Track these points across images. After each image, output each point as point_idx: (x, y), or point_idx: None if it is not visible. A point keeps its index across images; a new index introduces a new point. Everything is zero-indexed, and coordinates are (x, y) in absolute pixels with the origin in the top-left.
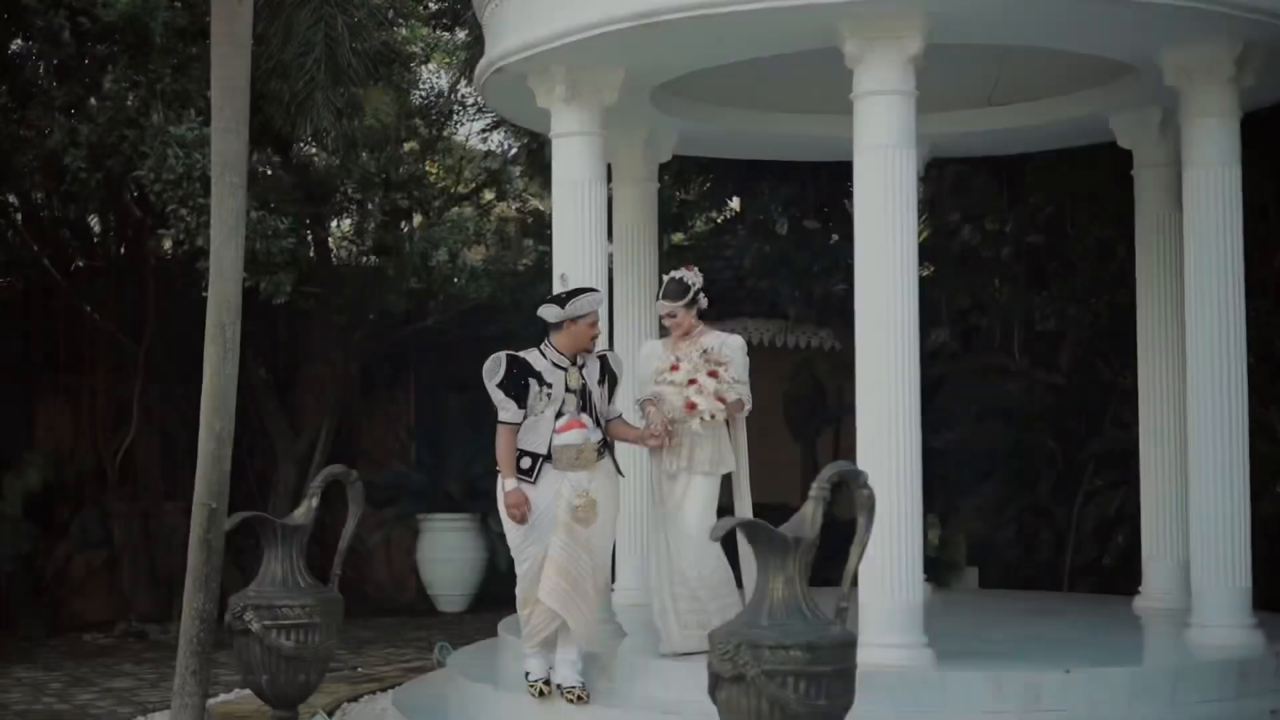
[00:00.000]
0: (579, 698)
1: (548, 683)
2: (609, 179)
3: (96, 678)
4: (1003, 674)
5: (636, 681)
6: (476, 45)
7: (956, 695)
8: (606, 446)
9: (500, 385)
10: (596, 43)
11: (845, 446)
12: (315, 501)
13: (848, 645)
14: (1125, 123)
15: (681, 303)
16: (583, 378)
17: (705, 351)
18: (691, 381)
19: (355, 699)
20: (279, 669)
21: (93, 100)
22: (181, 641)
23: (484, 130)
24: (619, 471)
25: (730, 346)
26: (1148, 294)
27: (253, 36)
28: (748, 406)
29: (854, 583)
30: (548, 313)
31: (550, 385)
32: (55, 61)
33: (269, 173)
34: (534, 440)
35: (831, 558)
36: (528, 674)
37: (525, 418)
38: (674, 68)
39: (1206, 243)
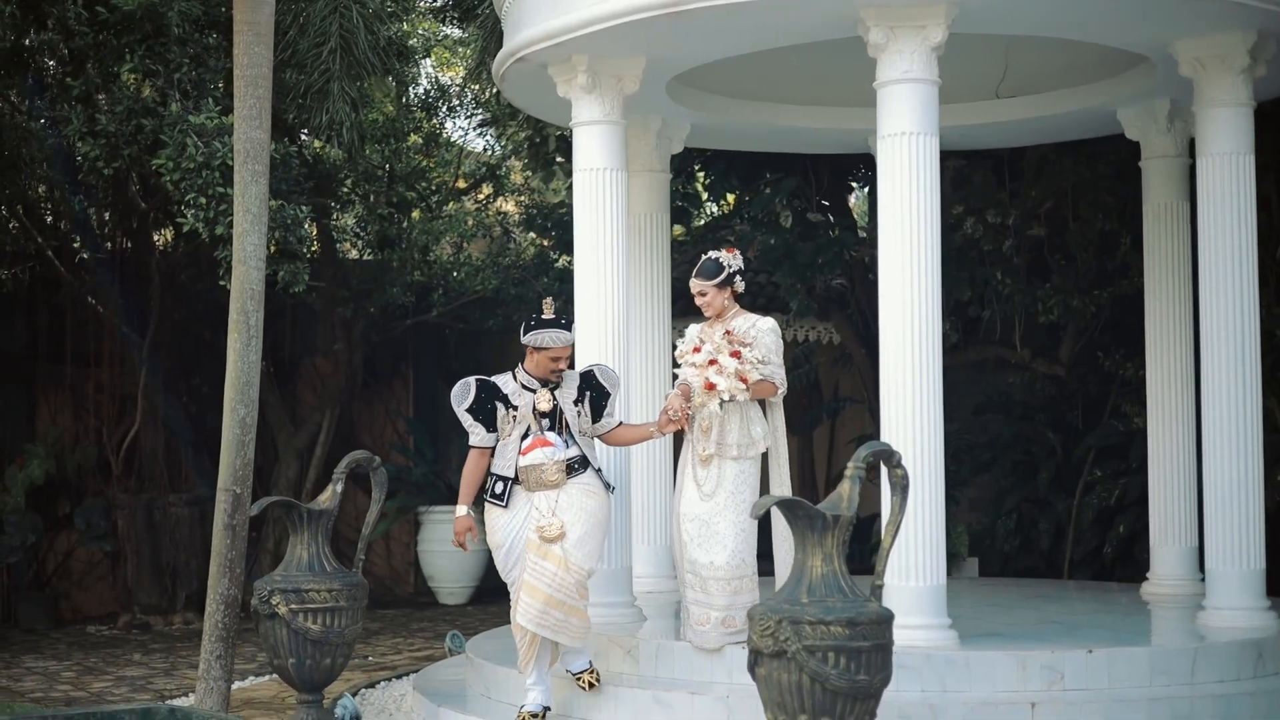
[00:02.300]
0: (590, 685)
1: (535, 715)
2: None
3: (107, 667)
4: (1026, 654)
5: (662, 664)
6: (489, 39)
7: (981, 674)
8: (585, 462)
9: (469, 410)
10: (620, 32)
11: (840, 440)
12: (340, 487)
13: (885, 621)
14: (1133, 114)
15: (713, 282)
16: (554, 399)
17: (729, 332)
18: (712, 362)
19: (372, 685)
20: (305, 652)
21: (101, 96)
22: (206, 626)
23: (480, 126)
24: (608, 485)
25: (760, 328)
26: (1155, 283)
27: None
28: (782, 389)
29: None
30: (521, 330)
31: (516, 408)
32: (70, 51)
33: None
34: (503, 464)
35: None
36: (522, 705)
37: (497, 441)
38: (695, 57)
39: (1220, 230)
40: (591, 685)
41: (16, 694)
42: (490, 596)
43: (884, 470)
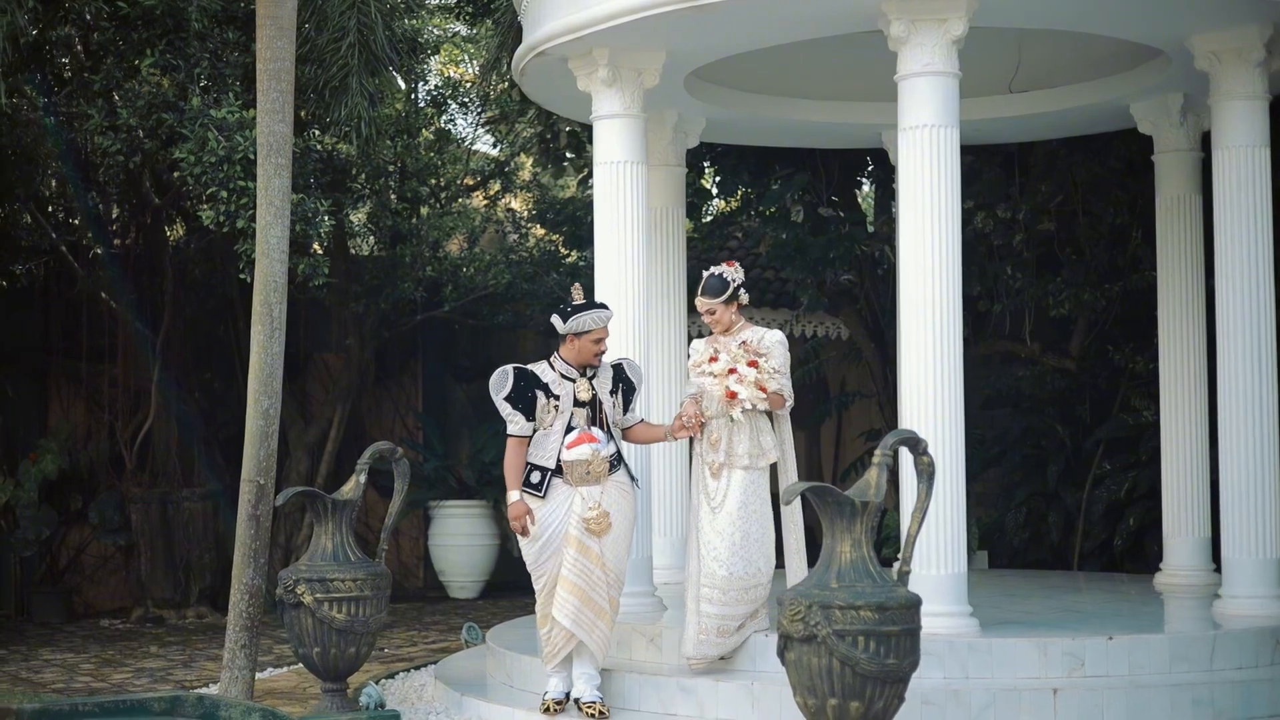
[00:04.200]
0: (600, 714)
1: (559, 703)
2: None
3: (125, 659)
4: (1046, 641)
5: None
6: (508, 34)
7: (1003, 661)
8: (620, 458)
9: (507, 399)
10: (642, 25)
11: (847, 435)
12: (364, 478)
13: (914, 606)
14: (1146, 108)
15: (720, 299)
16: (593, 389)
17: (744, 343)
18: (731, 371)
19: (391, 676)
20: (330, 641)
21: (116, 95)
22: (231, 616)
23: (488, 123)
24: (633, 479)
25: (769, 341)
26: (1169, 277)
27: None
28: (789, 401)
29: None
30: (555, 322)
31: (558, 397)
32: (87, 48)
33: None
34: (542, 454)
35: None
36: (545, 692)
37: (534, 430)
38: (715, 51)
39: (1235, 222)
40: (601, 715)
41: (38, 685)
42: (501, 591)
43: (910, 458)
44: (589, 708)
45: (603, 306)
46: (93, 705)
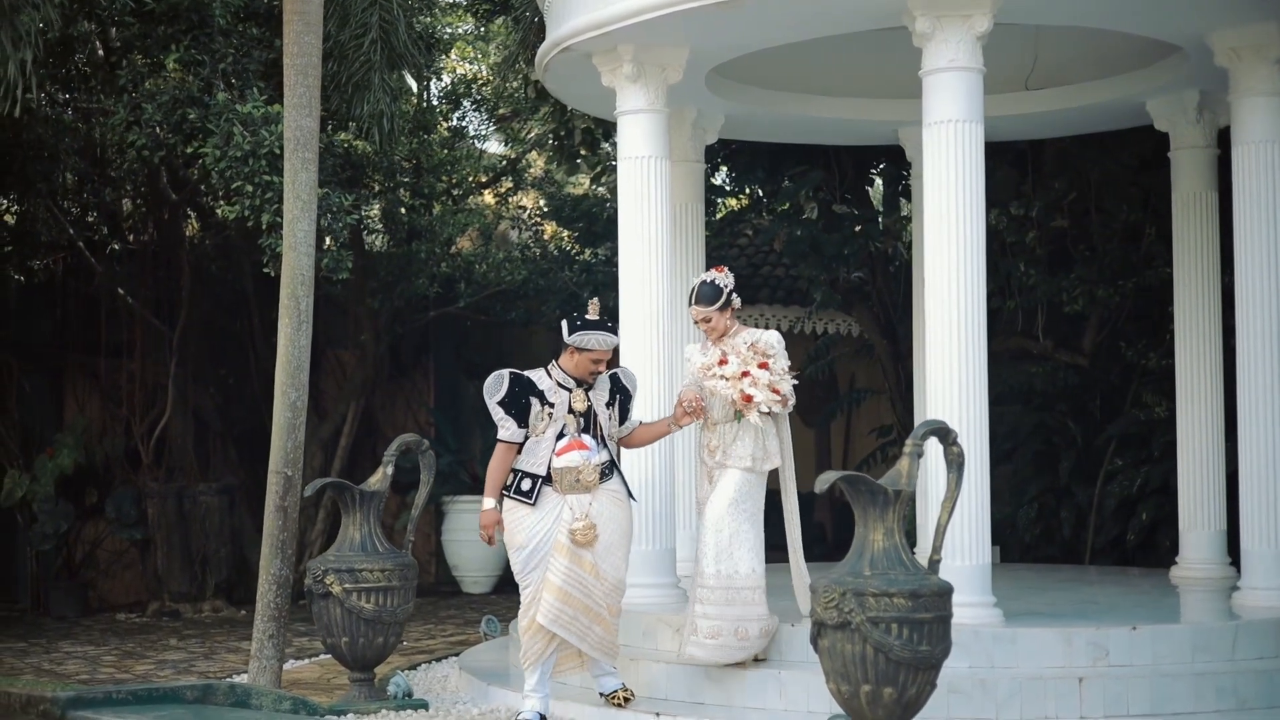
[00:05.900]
0: (625, 699)
1: None
2: None
3: (146, 652)
4: (1071, 630)
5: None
6: (529, 32)
7: (1028, 650)
8: (615, 468)
9: (501, 403)
10: (666, 22)
11: (857, 431)
12: (390, 469)
13: (946, 594)
14: (1162, 105)
15: (715, 307)
16: (589, 399)
17: (752, 344)
18: (744, 374)
19: (413, 668)
20: (359, 631)
21: (135, 93)
22: (259, 606)
23: (500, 121)
24: (630, 494)
25: (768, 341)
26: (1184, 272)
27: None
28: (791, 401)
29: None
30: (562, 329)
31: (552, 405)
32: (113, 44)
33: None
34: (534, 461)
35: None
36: (519, 714)
37: (526, 437)
38: (739, 47)
39: (1254, 217)
40: (627, 699)
41: (62, 676)
42: (513, 585)
43: (940, 448)
44: (613, 697)
45: (611, 331)
46: (126, 693)
